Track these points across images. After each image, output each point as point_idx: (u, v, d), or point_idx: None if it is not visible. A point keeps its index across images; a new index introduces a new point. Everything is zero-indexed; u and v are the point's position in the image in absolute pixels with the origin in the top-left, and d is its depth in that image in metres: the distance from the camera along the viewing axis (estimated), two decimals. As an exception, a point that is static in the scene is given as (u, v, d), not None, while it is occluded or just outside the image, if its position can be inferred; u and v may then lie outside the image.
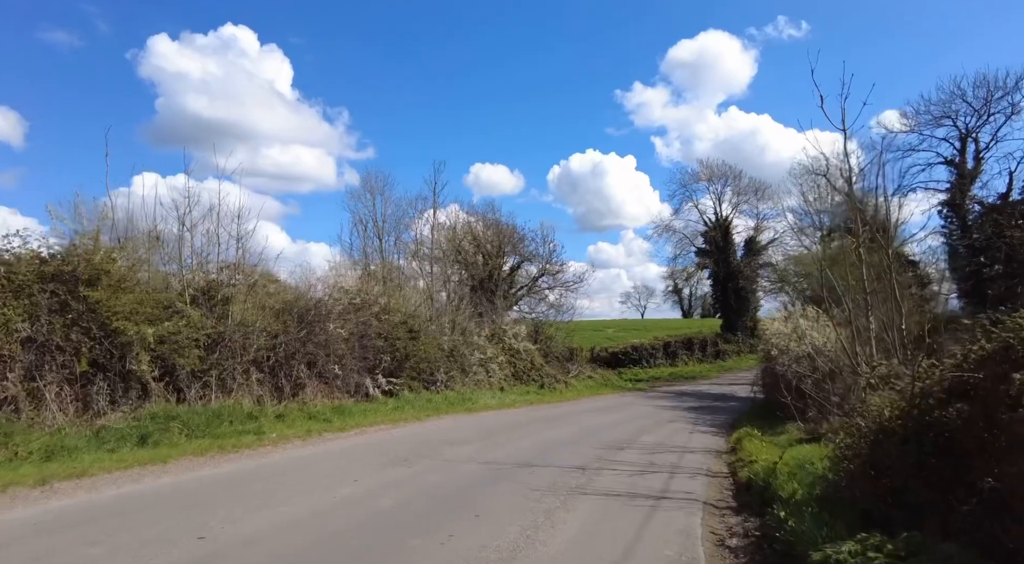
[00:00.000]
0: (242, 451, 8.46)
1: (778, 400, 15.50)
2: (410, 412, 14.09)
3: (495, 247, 32.98)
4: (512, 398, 19.61)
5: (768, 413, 16.35)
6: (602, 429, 13.64)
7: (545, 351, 29.25)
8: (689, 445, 11.91)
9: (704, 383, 31.48)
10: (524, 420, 14.59)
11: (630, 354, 37.03)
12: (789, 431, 12.59)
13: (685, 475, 8.74)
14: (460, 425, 13.24)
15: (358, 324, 15.61)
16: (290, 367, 13.27)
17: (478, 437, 11.23)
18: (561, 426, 13.84)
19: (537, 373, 24.53)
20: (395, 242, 32.08)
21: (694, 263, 42.59)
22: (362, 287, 17.42)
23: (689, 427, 15.14)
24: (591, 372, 29.88)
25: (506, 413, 16.22)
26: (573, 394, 23.55)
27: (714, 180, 40.87)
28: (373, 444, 9.96)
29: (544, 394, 22.41)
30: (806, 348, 13.95)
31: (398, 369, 16.83)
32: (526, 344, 24.90)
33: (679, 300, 74.47)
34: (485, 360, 21.79)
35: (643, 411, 18.69)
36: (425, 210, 31.83)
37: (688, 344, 38.70)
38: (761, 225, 40.23)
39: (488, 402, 17.94)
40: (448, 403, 16.51)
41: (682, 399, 23.39)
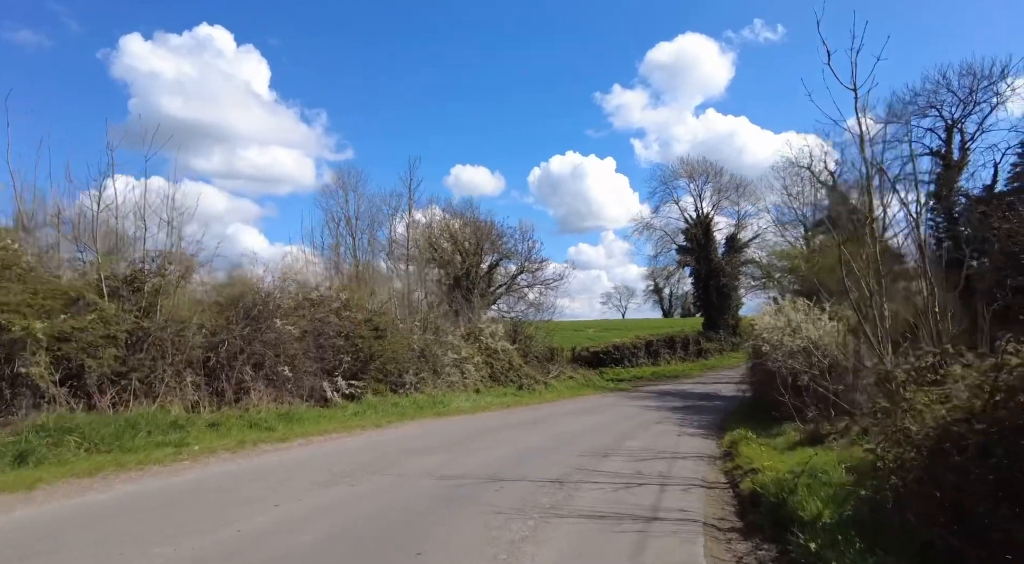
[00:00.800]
0: (148, 469, 6.92)
1: (770, 398, 14.36)
2: (371, 418, 12.61)
3: (473, 245, 31.59)
4: (488, 400, 18.21)
5: (759, 412, 15.23)
6: (583, 434, 12.32)
7: (524, 351, 27.92)
8: (678, 450, 10.65)
9: (687, 382, 30.44)
10: (498, 425, 13.20)
11: (612, 353, 35.91)
12: (787, 433, 11.41)
13: (678, 487, 7.44)
14: (426, 432, 11.80)
15: (314, 321, 14.08)
16: (233, 368, 11.72)
17: (444, 446, 9.81)
18: (538, 431, 12.48)
19: (516, 374, 23.17)
20: (369, 241, 30.72)
21: (675, 261, 41.71)
22: (320, 281, 15.89)
23: (676, 429, 13.90)
24: (572, 372, 28.62)
25: (479, 417, 14.81)
26: (553, 395, 22.24)
27: (695, 177, 40.06)
28: (317, 457, 8.48)
29: (523, 396, 21.05)
30: (801, 342, 12.82)
31: (361, 371, 15.31)
32: (504, 344, 23.54)
33: (659, 300, 73.89)
34: (460, 360, 20.36)
35: (626, 412, 17.43)
36: (400, 207, 30.52)
37: (670, 343, 37.71)
38: (742, 222, 39.52)
39: (461, 405, 16.52)
40: (416, 407, 15.05)
41: (666, 399, 22.22)
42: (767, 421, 13.27)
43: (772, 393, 13.91)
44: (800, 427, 11.25)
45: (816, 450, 9.54)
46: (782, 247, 26.64)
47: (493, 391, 20.52)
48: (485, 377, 21.65)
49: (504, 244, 31.63)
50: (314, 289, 15.09)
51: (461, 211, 32.87)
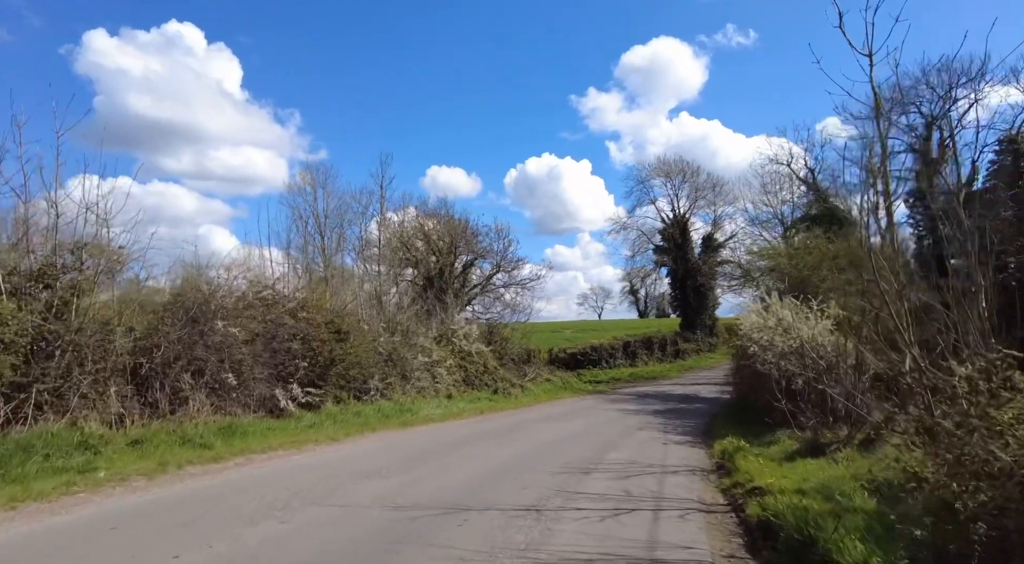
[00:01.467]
0: (24, 506, 5.52)
1: (761, 402, 13.41)
2: (328, 430, 11.26)
3: (446, 244, 30.27)
4: (460, 407, 16.96)
5: (746, 416, 14.32)
6: (562, 444, 11.17)
7: (500, 353, 26.71)
8: (667, 462, 9.57)
9: (666, 383, 29.62)
10: (469, 435, 11.97)
11: (589, 355, 34.95)
12: (781, 441, 10.44)
13: (674, 513, 6.33)
14: (388, 446, 10.50)
15: (266, 323, 12.66)
16: (168, 376, 10.26)
17: (403, 464, 8.55)
18: (513, 442, 11.29)
19: (491, 377, 21.95)
20: (338, 240, 29.27)
21: (652, 261, 41.02)
22: (277, 280, 14.46)
23: (660, 436, 12.87)
24: (549, 375, 27.52)
25: (449, 426, 13.56)
26: (530, 399, 21.09)
27: (672, 176, 39.43)
28: (252, 481, 7.15)
29: (498, 400, 19.85)
30: (794, 342, 11.90)
31: (320, 377, 13.93)
32: (478, 346, 22.30)
33: (635, 301, 73.56)
34: (431, 364, 19.06)
35: (606, 417, 16.37)
36: (371, 205, 29.18)
37: (648, 344, 36.95)
38: (719, 222, 39.01)
39: (430, 413, 15.24)
40: (381, 416, 13.72)
41: (646, 401, 21.26)
42: (757, 426, 12.33)
43: (761, 396, 12.99)
44: (797, 435, 10.31)
45: (819, 462, 8.59)
46: (761, 246, 25.97)
47: (466, 396, 19.28)
48: (458, 381, 20.39)
49: (479, 243, 30.43)
50: (266, 287, 13.66)
51: (435, 209, 31.57)
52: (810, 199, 23.90)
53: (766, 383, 12.60)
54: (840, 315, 12.79)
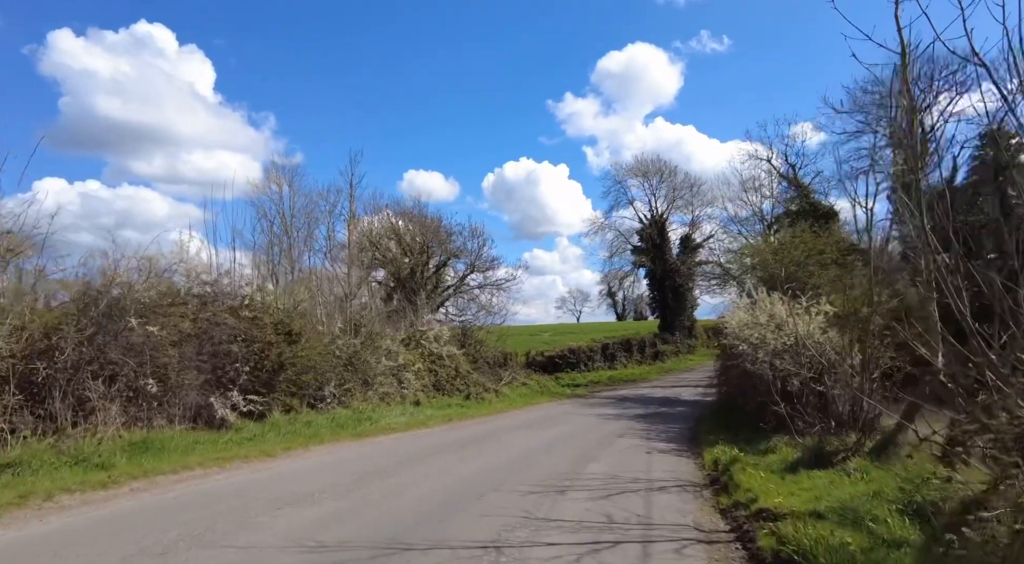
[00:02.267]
0: None
1: (752, 404, 12.21)
2: (266, 443, 9.74)
3: (418, 243, 28.79)
4: (428, 414, 15.50)
5: (733, 420, 13.18)
6: (535, 456, 9.83)
7: (474, 357, 25.30)
8: (653, 476, 8.30)
9: (645, 386, 28.52)
10: (431, 447, 10.56)
11: (567, 358, 33.76)
12: (779, 448, 9.25)
13: (668, 546, 5.04)
14: (335, 461, 9.04)
15: (201, 322, 11.09)
16: (72, 384, 8.64)
17: (344, 485, 7.11)
18: (480, 454, 9.91)
19: (463, 382, 20.51)
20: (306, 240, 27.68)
21: (630, 262, 40.07)
22: (219, 275, 12.86)
23: (643, 444, 11.63)
24: (525, 378, 26.19)
25: (412, 437, 12.11)
26: (504, 405, 19.71)
27: (649, 176, 38.61)
28: (141, 514, 5.64)
29: (470, 406, 18.43)
30: (788, 339, 10.79)
31: (267, 383, 12.35)
32: (450, 349, 20.86)
33: (613, 304, 72.87)
34: (397, 368, 17.58)
35: (585, 423, 15.10)
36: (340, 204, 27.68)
37: (626, 345, 35.91)
38: (696, 222, 38.27)
39: (394, 421, 13.76)
40: (335, 426, 12.22)
41: (626, 405, 20.07)
42: (748, 432, 11.17)
43: (752, 398, 11.85)
44: (796, 442, 9.15)
45: (828, 475, 7.40)
46: (740, 244, 25.11)
47: (436, 402, 17.82)
48: (427, 386, 18.93)
49: (452, 243, 29.00)
50: (205, 282, 12.07)
51: (408, 209, 30.08)
52: (791, 195, 23.12)
53: (757, 384, 11.47)
54: (830, 311, 11.77)
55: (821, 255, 16.68)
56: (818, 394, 9.95)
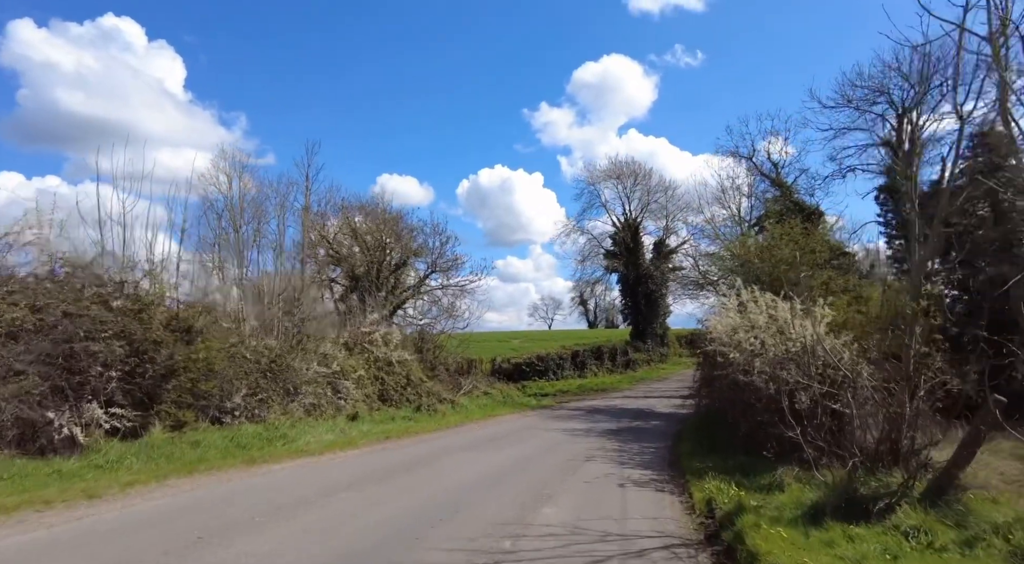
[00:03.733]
0: None
1: (739, 423, 10.13)
2: (107, 476, 7.10)
3: (376, 239, 26.19)
4: (363, 430, 12.95)
5: (719, 438, 11.03)
6: (474, 494, 7.44)
7: (432, 363, 22.81)
8: (629, 528, 5.99)
9: (617, 396, 26.36)
10: (341, 480, 8.05)
11: (535, 365, 31.45)
12: (788, 486, 7.04)
13: None
14: (182, 507, 6.42)
15: (48, 312, 8.42)
16: None
17: (170, 553, 4.60)
18: (401, 491, 7.47)
19: (414, 391, 17.98)
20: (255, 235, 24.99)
21: (602, 267, 38.05)
22: (96, 256, 10.16)
23: (615, 471, 9.35)
24: (488, 387, 23.74)
25: (325, 463, 9.56)
26: (460, 417, 17.25)
27: (623, 179, 36.82)
28: None
29: (419, 420, 15.91)
30: (793, 345, 8.67)
31: (152, 392, 9.73)
32: (401, 354, 18.32)
33: (585, 312, 71.08)
34: (333, 376, 15.00)
35: (548, 441, 12.78)
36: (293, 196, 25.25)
37: (597, 353, 33.83)
38: (671, 227, 36.54)
39: (315, 440, 11.18)
40: (234, 447, 9.62)
41: (596, 419, 17.84)
42: (741, 457, 9.02)
43: (746, 416, 9.67)
44: (808, 475, 7.00)
45: (871, 533, 5.22)
46: (718, 247, 23.27)
47: (378, 415, 15.26)
48: (371, 397, 16.36)
49: (413, 240, 26.48)
50: (68, 263, 9.39)
51: (366, 202, 27.47)
52: (774, 195, 21.43)
53: (752, 399, 9.33)
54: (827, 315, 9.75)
55: (813, 254, 14.85)
56: (833, 414, 7.85)
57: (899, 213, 19.90)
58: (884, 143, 20.16)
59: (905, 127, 20.16)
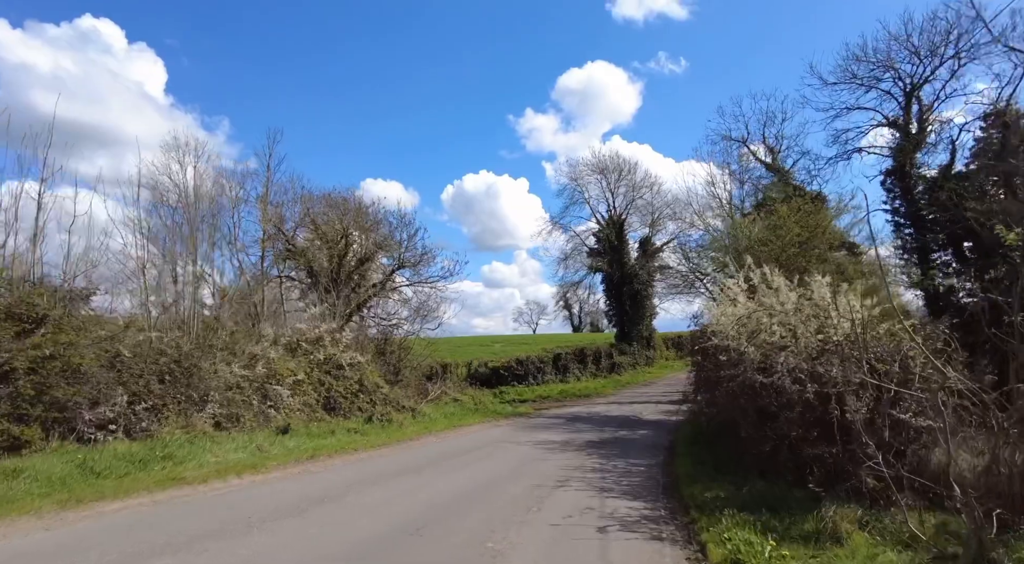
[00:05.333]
0: None
1: (754, 438, 7.81)
2: None
3: (337, 231, 23.58)
4: (289, 446, 10.37)
5: (725, 456, 8.68)
6: (390, 548, 4.95)
7: (396, 367, 20.26)
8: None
9: (601, 402, 23.95)
10: (191, 529, 5.50)
11: (514, 369, 29.03)
12: (848, 536, 4.67)
13: None
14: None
15: None
16: None
17: None
18: (280, 546, 4.95)
19: (368, 399, 15.40)
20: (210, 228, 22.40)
21: (586, 266, 35.73)
22: None
23: (595, 503, 6.93)
24: (459, 394, 21.20)
25: (201, 495, 6.96)
26: (419, 428, 14.68)
27: (607, 173, 34.65)
28: None
29: (369, 432, 13.32)
30: (835, 333, 6.32)
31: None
32: (353, 356, 15.75)
33: (569, 316, 68.85)
34: (265, 380, 12.42)
35: (516, 459, 10.34)
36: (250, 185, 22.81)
37: (580, 356, 31.47)
38: (657, 223, 34.38)
39: (215, 461, 8.59)
40: (79, 477, 6.99)
41: (576, 428, 15.43)
42: (762, 483, 6.66)
43: (761, 428, 7.34)
44: (875, 518, 4.65)
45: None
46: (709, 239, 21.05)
47: (318, 427, 12.66)
48: (314, 404, 13.76)
49: (378, 232, 23.89)
50: None
51: (328, 191, 24.82)
52: (771, 181, 19.35)
53: (771, 405, 6.98)
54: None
55: (824, 235, 12.67)
56: (896, 428, 5.51)
57: (908, 198, 17.84)
58: (890, 124, 18.14)
59: (913, 106, 18.12)
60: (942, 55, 16.75)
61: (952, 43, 17.01)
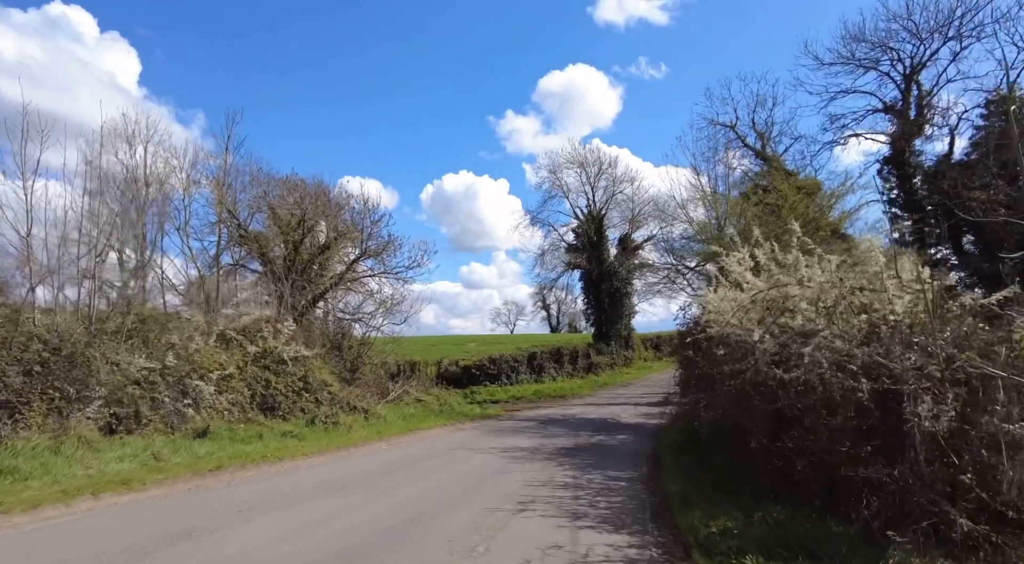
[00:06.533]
0: None
1: (767, 450, 6.11)
2: None
3: (295, 216, 21.45)
4: (197, 455, 8.37)
5: (719, 467, 7.03)
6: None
7: (353, 364, 18.27)
8: None
9: (576, 403, 22.26)
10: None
11: (487, 369, 27.19)
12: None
13: None
14: None
15: None
16: None
17: None
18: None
19: (313, 398, 13.40)
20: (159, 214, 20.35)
21: (564, 262, 34.08)
22: None
23: (564, 537, 5.17)
24: (423, 394, 19.26)
25: (17, 530, 5.00)
26: (369, 433, 12.75)
27: (586, 166, 33.13)
28: None
29: (307, 437, 11.35)
30: (890, 311, 4.65)
31: None
32: (298, 349, 13.73)
33: (548, 316, 67.33)
34: (181, 374, 10.38)
35: (472, 472, 8.53)
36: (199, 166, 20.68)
37: (557, 356, 29.80)
38: (637, 220, 32.93)
39: (84, 474, 6.59)
40: None
41: (549, 433, 13.69)
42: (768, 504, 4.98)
43: (779, 437, 5.65)
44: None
45: None
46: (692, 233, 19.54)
47: (246, 430, 10.64)
48: (245, 404, 11.74)
49: (340, 219, 21.79)
50: None
51: (287, 176, 22.63)
52: (761, 169, 17.95)
53: (793, 409, 5.31)
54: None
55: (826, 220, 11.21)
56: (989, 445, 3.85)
57: (907, 188, 16.55)
58: (888, 109, 16.86)
59: (912, 91, 16.84)
60: (945, 34, 15.47)
61: (955, 23, 15.73)
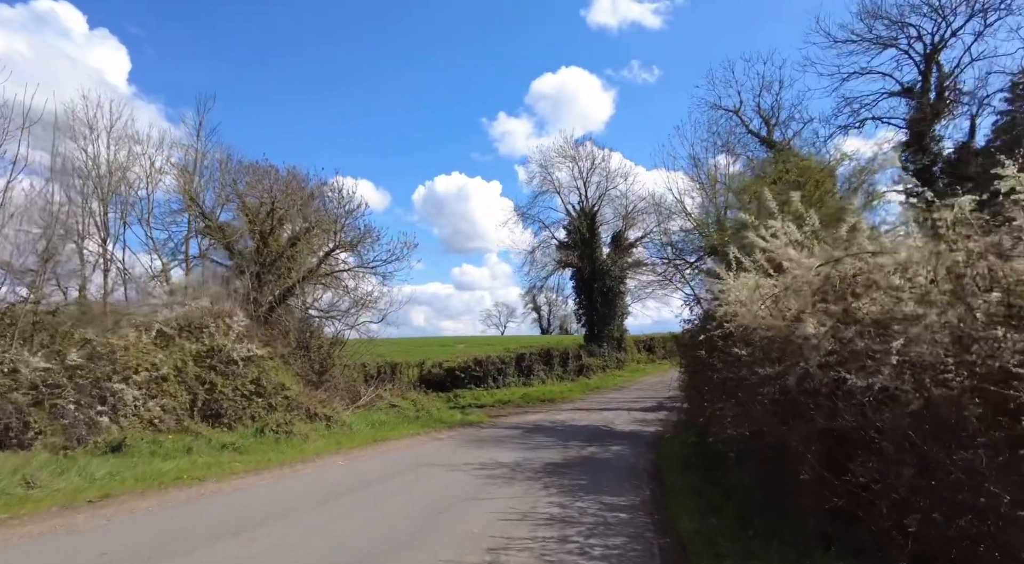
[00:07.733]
0: None
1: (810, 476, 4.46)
2: None
3: (265, 205, 19.68)
4: (93, 477, 6.63)
5: (744, 496, 5.39)
6: None
7: (321, 365, 16.55)
8: None
9: (566, 409, 20.58)
10: None
11: (472, 371, 25.47)
12: None
13: None
14: None
15: None
16: None
17: None
18: None
19: (265, 404, 11.64)
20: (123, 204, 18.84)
21: (555, 260, 32.46)
22: None
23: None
24: (399, 398, 17.50)
25: None
26: (327, 444, 11.02)
27: (578, 161, 31.61)
28: None
29: (250, 450, 9.61)
30: None
31: None
32: (251, 348, 11.97)
33: (538, 317, 65.74)
34: (96, 376, 8.62)
35: (434, 500, 6.85)
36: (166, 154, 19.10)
37: (547, 357, 28.16)
38: (631, 217, 31.42)
39: None
40: None
41: (535, 443, 12.03)
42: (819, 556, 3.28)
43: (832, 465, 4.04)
44: None
45: None
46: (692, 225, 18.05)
47: (174, 441, 8.87)
48: (180, 411, 9.97)
49: (314, 206, 20.02)
50: None
51: (256, 163, 20.81)
52: (765, 157, 16.53)
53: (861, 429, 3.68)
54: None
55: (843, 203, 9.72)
56: None
57: (926, 176, 15.07)
58: (905, 91, 15.42)
59: (932, 72, 15.39)
60: (972, 7, 14.04)
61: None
